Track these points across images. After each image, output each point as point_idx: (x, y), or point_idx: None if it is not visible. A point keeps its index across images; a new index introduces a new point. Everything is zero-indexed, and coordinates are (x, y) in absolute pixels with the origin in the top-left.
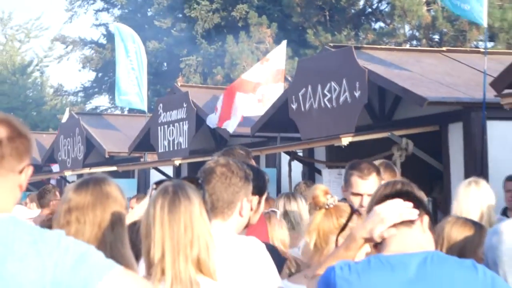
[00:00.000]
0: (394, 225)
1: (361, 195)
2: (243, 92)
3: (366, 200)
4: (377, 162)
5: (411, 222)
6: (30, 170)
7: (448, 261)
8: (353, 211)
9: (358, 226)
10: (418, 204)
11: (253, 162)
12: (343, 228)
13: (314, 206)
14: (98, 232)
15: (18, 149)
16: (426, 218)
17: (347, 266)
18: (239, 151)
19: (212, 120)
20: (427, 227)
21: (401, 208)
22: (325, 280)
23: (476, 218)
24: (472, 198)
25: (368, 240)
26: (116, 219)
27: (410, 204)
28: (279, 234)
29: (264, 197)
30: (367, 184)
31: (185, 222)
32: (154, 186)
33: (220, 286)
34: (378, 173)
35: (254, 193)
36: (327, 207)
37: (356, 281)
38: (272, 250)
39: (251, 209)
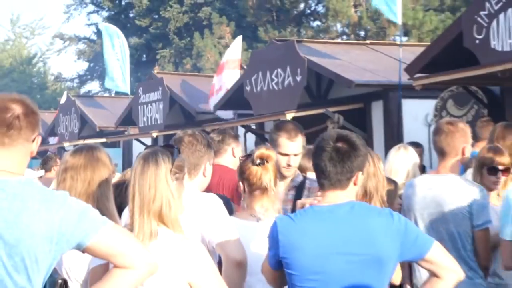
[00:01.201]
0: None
1: (288, 155)
2: (228, 69)
3: (293, 159)
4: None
5: (343, 185)
6: (39, 139)
7: (369, 209)
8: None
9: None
10: (353, 159)
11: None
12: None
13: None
14: (87, 188)
15: (32, 123)
16: (359, 175)
17: (286, 217)
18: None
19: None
20: (358, 182)
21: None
22: (271, 233)
23: (404, 175)
24: (401, 160)
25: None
26: (103, 179)
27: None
28: None
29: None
30: (294, 145)
31: (150, 182)
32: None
33: (175, 236)
34: (303, 134)
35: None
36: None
37: (292, 226)
38: (222, 197)
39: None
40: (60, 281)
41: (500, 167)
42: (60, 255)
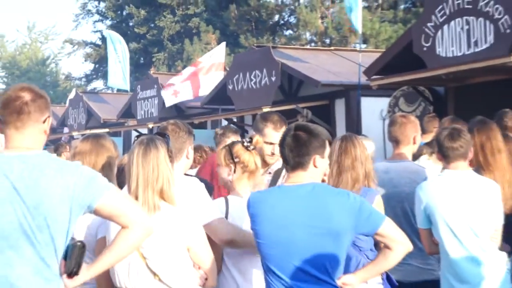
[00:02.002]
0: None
1: (273, 144)
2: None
3: (277, 148)
4: None
5: (303, 166)
6: (50, 119)
7: (329, 189)
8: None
9: None
10: (309, 145)
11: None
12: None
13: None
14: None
15: (40, 106)
16: (317, 158)
17: (257, 192)
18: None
19: (166, 97)
20: (318, 164)
21: None
22: (247, 204)
23: None
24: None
25: None
26: (106, 162)
27: None
28: None
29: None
30: (279, 135)
31: (153, 164)
32: (135, 138)
33: (175, 209)
34: (286, 124)
35: None
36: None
37: (261, 200)
38: (202, 180)
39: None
40: (79, 243)
41: None
42: (76, 217)
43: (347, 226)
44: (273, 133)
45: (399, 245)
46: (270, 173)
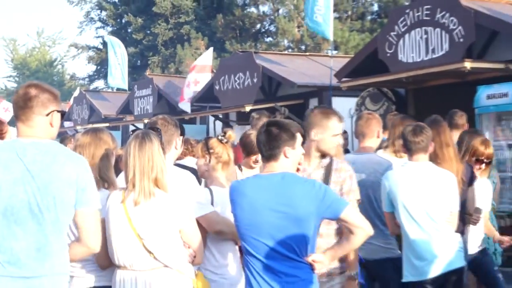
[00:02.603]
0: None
1: (338, 135)
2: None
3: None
4: None
5: (275, 158)
6: (56, 114)
7: (297, 178)
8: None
9: None
10: (279, 139)
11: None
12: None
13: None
14: (91, 160)
15: (43, 101)
16: (287, 149)
17: (236, 181)
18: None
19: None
20: (288, 155)
21: None
22: (229, 192)
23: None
24: None
25: None
26: (104, 154)
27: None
28: None
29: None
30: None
31: (148, 156)
32: (131, 132)
33: (168, 196)
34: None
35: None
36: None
37: (238, 188)
38: (188, 168)
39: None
40: None
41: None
42: (73, 204)
43: (311, 211)
44: (338, 125)
45: (360, 230)
46: (322, 167)
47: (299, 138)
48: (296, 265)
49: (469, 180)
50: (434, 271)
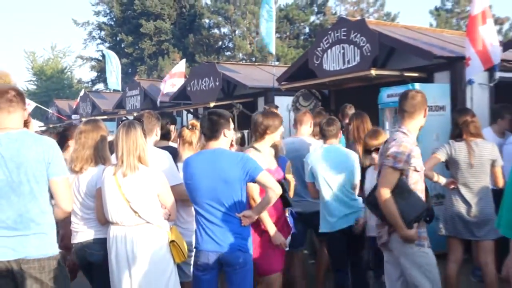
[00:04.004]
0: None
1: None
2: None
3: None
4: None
5: (216, 138)
6: (26, 110)
7: (226, 152)
8: None
9: None
10: (217, 123)
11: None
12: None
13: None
14: (92, 142)
15: (22, 100)
16: (225, 131)
17: (188, 157)
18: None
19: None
20: (226, 135)
21: None
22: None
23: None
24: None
25: None
26: (102, 138)
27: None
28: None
29: (175, 126)
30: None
31: (133, 139)
32: (120, 122)
33: (149, 169)
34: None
35: (171, 123)
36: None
37: (188, 160)
38: (167, 148)
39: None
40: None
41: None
42: (46, 176)
43: (236, 176)
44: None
45: (270, 190)
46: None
47: (231, 123)
48: (228, 218)
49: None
50: (341, 224)
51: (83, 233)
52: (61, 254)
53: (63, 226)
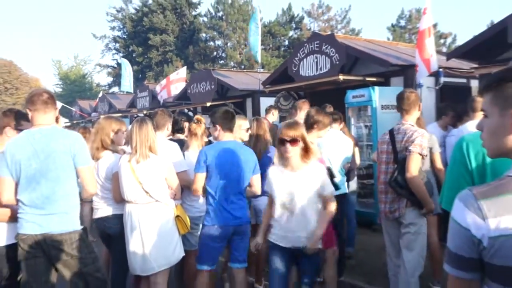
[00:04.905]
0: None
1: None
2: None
3: None
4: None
5: (231, 130)
6: (57, 110)
7: (240, 144)
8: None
9: None
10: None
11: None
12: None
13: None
14: (111, 134)
15: (54, 102)
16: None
17: (206, 147)
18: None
19: (160, 95)
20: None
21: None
22: (201, 154)
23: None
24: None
25: None
26: (118, 130)
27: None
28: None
29: (189, 123)
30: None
31: (144, 132)
32: (134, 118)
33: (158, 157)
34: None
35: (186, 121)
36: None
37: (206, 149)
38: (176, 141)
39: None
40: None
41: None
42: (73, 165)
43: (248, 167)
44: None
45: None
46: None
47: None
48: (240, 197)
49: None
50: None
51: (102, 210)
52: (82, 229)
53: None
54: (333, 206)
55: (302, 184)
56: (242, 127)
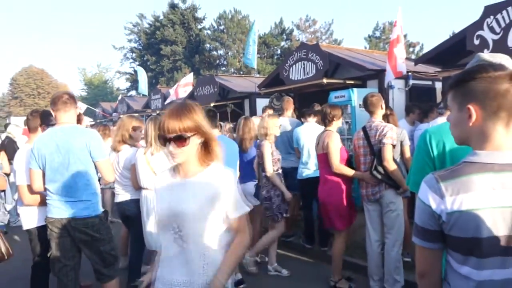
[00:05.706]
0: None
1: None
2: (181, 87)
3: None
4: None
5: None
6: (78, 108)
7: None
8: None
9: None
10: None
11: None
12: None
13: None
14: (130, 130)
15: (74, 101)
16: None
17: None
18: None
19: (171, 98)
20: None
21: None
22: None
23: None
24: (256, 121)
25: None
26: (138, 127)
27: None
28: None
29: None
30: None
31: (158, 128)
32: (148, 116)
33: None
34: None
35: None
36: None
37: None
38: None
39: None
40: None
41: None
42: (90, 159)
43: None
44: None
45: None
46: None
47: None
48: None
49: None
50: (305, 174)
51: (122, 195)
52: (104, 212)
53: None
54: (244, 238)
55: (191, 198)
56: (276, 124)
